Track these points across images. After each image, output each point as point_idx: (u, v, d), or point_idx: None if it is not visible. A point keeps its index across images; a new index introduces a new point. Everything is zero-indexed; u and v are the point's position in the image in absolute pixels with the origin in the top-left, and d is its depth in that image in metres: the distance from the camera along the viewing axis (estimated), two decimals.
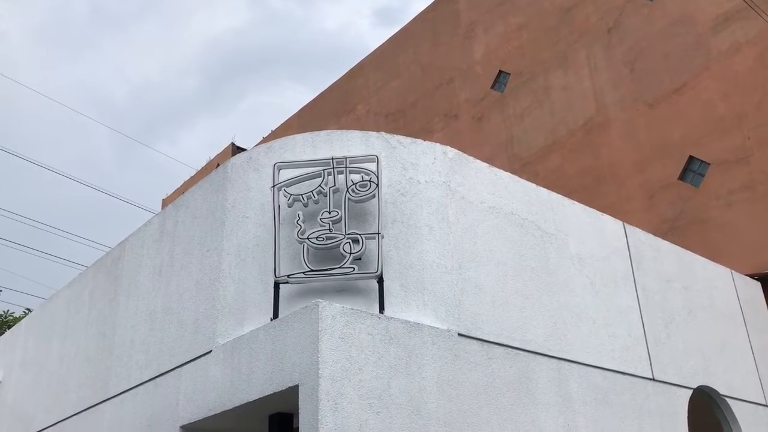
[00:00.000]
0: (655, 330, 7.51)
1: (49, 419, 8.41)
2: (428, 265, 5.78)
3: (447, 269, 5.83)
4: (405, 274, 5.69)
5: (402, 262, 5.72)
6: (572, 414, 6.13)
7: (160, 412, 6.25)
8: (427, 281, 5.72)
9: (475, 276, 6.01)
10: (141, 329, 7.05)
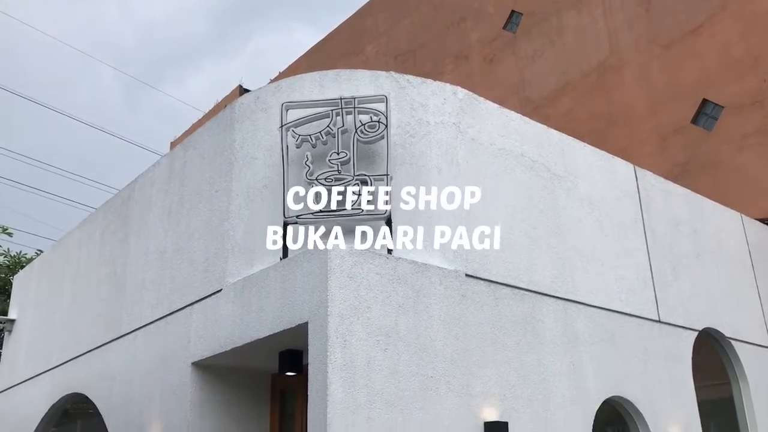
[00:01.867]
0: (662, 273, 7.53)
1: (64, 356, 8.59)
2: (437, 206, 5.77)
3: (455, 211, 5.82)
4: (413, 215, 5.69)
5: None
6: (578, 354, 6.21)
7: (172, 349, 6.36)
8: (436, 222, 5.73)
9: (483, 217, 6.01)
10: (152, 268, 7.13)
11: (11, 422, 9.77)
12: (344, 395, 4.62)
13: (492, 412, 5.32)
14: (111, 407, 7.31)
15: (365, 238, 5.54)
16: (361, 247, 5.18)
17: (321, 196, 5.59)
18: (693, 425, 7.05)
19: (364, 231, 5.58)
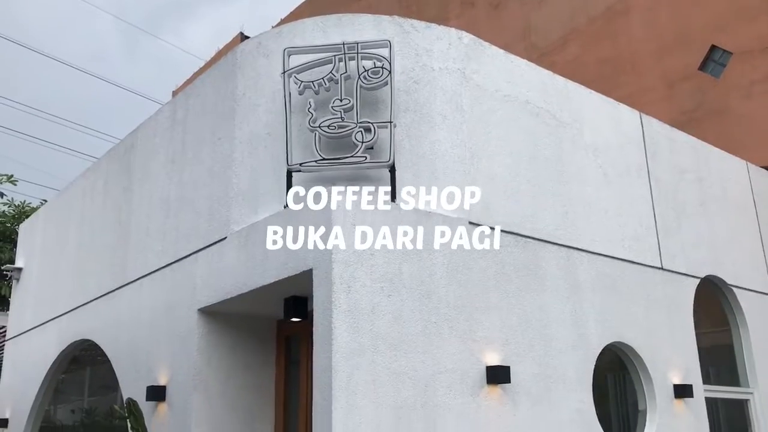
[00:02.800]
0: (666, 220, 7.53)
1: (71, 303, 8.70)
2: (440, 154, 5.74)
3: (459, 158, 5.80)
4: (417, 163, 5.67)
5: (414, 151, 5.69)
6: (579, 300, 6.26)
7: (178, 296, 6.43)
8: (439, 170, 5.71)
9: (487, 165, 5.99)
10: (156, 217, 7.16)
11: (22, 368, 9.96)
12: (349, 340, 4.68)
13: (494, 357, 5.40)
14: (119, 353, 7.43)
15: (369, 186, 5.53)
16: (364, 194, 5.17)
17: (324, 143, 5.56)
18: (692, 371, 7.14)
19: (368, 179, 5.57)
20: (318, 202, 5.01)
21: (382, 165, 5.51)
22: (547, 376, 5.76)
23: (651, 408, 6.66)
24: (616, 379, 7.00)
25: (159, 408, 6.35)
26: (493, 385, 5.34)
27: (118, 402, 7.35)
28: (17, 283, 10.92)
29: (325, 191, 4.99)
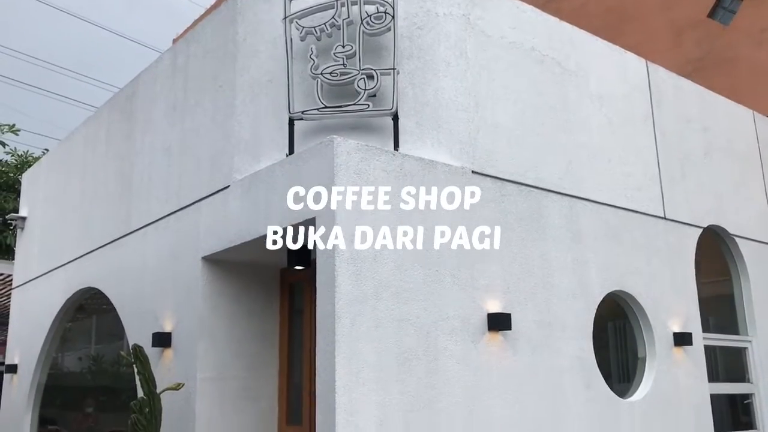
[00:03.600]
0: (670, 170, 7.50)
1: (76, 252, 8.75)
2: (444, 102, 5.69)
3: (463, 106, 5.75)
4: (420, 111, 5.63)
5: (417, 99, 5.64)
6: (581, 249, 6.28)
7: (182, 244, 6.46)
8: (443, 118, 5.67)
9: (491, 113, 5.94)
10: (159, 165, 7.14)
11: (29, 316, 10.08)
12: (351, 287, 4.71)
13: (495, 304, 5.45)
14: (124, 301, 7.51)
15: (371, 134, 5.50)
16: (367, 143, 5.14)
17: (326, 91, 5.50)
18: (692, 319, 7.21)
19: (371, 127, 5.54)
20: (320, 150, 4.98)
21: (385, 113, 5.47)
22: (548, 323, 5.81)
23: (650, 355, 6.75)
24: (617, 328, 7.07)
25: (165, 354, 6.45)
26: (494, 332, 5.40)
27: (125, 349, 7.46)
28: (22, 232, 10.98)
29: (327, 139, 4.96)
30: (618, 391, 6.35)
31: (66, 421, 9.65)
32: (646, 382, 6.63)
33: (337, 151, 4.88)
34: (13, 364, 10.17)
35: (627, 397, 6.46)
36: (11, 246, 16.86)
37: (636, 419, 6.30)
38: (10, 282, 11.57)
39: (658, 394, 6.59)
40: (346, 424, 4.46)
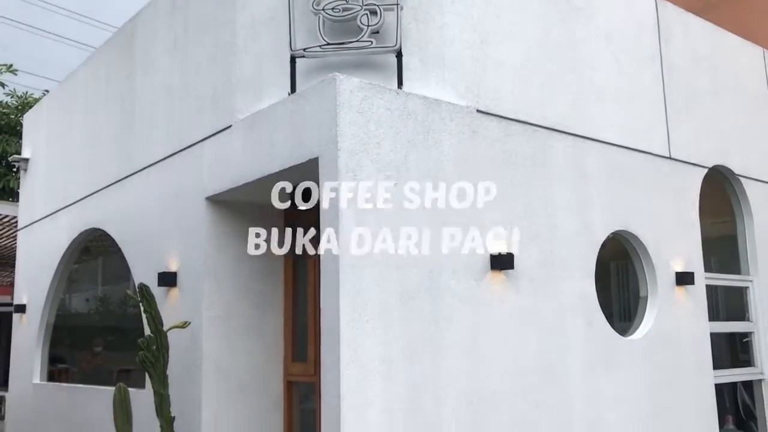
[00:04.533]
0: (676, 109, 7.41)
1: (79, 193, 8.76)
2: (449, 40, 5.58)
3: (468, 44, 5.65)
4: (425, 49, 5.53)
5: (422, 36, 5.53)
6: (586, 189, 6.26)
7: (186, 184, 6.46)
8: (448, 56, 5.57)
9: (497, 51, 5.84)
10: (160, 105, 7.08)
11: (35, 257, 10.17)
12: (354, 227, 4.71)
13: (499, 244, 5.46)
14: (129, 241, 7.55)
15: (374, 72, 5.42)
16: (370, 81, 5.07)
17: (328, 28, 5.40)
18: (695, 259, 7.24)
19: (374, 65, 5.46)
20: (323, 89, 4.92)
21: (389, 50, 5.38)
22: (551, 262, 5.84)
23: (652, 294, 6.80)
24: (619, 268, 7.11)
25: (170, 293, 6.52)
26: (497, 271, 5.43)
27: (131, 289, 7.54)
28: (25, 173, 10.98)
29: (329, 77, 4.89)
30: (619, 329, 6.42)
31: (75, 360, 9.84)
32: (647, 320, 6.71)
33: (339, 90, 4.81)
34: (22, 304, 10.31)
35: (628, 335, 6.54)
36: (15, 189, 16.91)
37: (636, 357, 6.39)
38: (15, 224, 11.64)
39: (658, 333, 6.67)
40: (351, 360, 4.53)
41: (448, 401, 4.95)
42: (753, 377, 7.87)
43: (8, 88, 18.02)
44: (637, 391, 6.33)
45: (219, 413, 5.97)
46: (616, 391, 6.14)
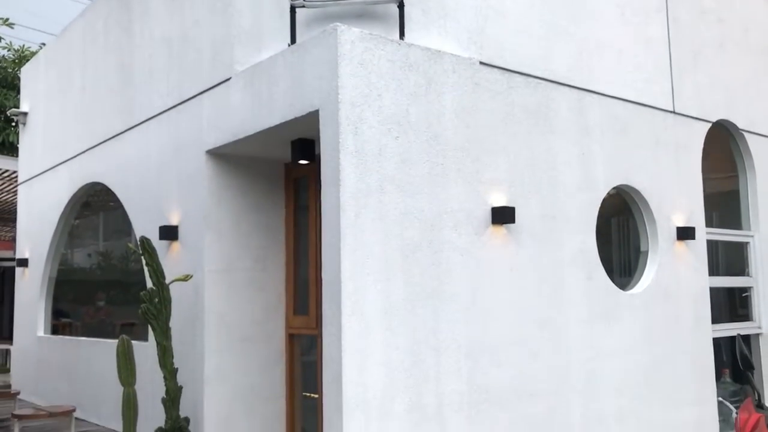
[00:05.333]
0: (681, 62, 7.31)
1: (79, 147, 8.73)
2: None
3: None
4: (426, 0, 5.43)
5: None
6: (588, 142, 6.22)
7: (185, 137, 6.42)
8: (450, 7, 5.48)
9: (499, 2, 5.73)
10: (159, 57, 7.00)
11: (37, 212, 10.18)
12: (356, 180, 4.70)
13: (499, 198, 5.45)
14: (130, 195, 7.54)
15: (376, 23, 5.33)
16: (372, 31, 4.99)
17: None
18: (696, 214, 7.23)
19: (375, 15, 5.36)
20: (323, 40, 4.84)
21: (390, 0, 5.28)
22: (552, 217, 5.83)
23: (653, 249, 6.81)
24: (620, 223, 7.11)
25: (172, 247, 6.53)
26: (498, 226, 5.43)
27: (133, 243, 7.55)
28: (24, 127, 10.92)
29: (330, 28, 4.81)
30: (619, 284, 6.45)
31: (78, 314, 9.93)
32: (648, 275, 6.73)
33: (340, 40, 4.74)
34: (24, 258, 10.36)
35: (628, 289, 6.57)
36: (14, 143, 16.82)
37: (636, 310, 6.43)
38: (15, 178, 11.62)
39: (658, 287, 6.70)
40: (352, 312, 4.55)
41: (448, 353, 5.00)
42: (751, 331, 7.94)
43: (5, 41, 17.79)
44: (636, 343, 6.39)
45: (221, 365, 6.04)
46: (614, 344, 6.19)
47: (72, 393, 8.38)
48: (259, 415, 6.24)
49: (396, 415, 4.67)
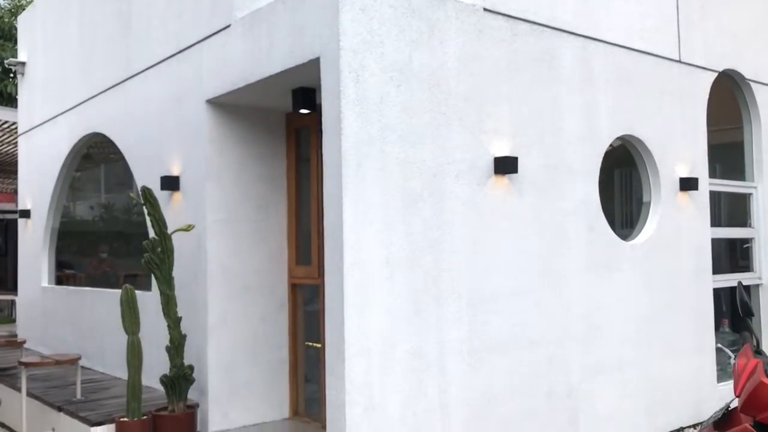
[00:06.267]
0: (688, 10, 7.18)
1: (78, 97, 8.65)
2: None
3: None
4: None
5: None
6: (593, 92, 6.15)
7: (185, 86, 6.36)
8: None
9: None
10: (157, 4, 6.88)
11: (37, 162, 10.15)
12: (358, 129, 4.66)
13: (502, 148, 5.41)
14: (130, 145, 7.51)
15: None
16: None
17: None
18: (700, 164, 7.19)
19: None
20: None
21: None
22: (555, 167, 5.80)
23: (655, 200, 6.79)
24: (623, 175, 7.08)
25: (174, 197, 6.53)
26: (500, 176, 5.40)
27: (134, 194, 7.54)
28: (22, 77, 10.81)
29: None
30: (621, 236, 6.45)
31: (82, 266, 9.99)
32: (650, 225, 6.73)
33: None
34: (26, 210, 10.38)
35: (629, 240, 6.57)
36: (12, 94, 16.71)
37: (637, 261, 6.45)
38: (15, 129, 11.56)
39: (660, 238, 6.71)
40: (354, 262, 4.57)
41: (449, 302, 5.03)
42: (752, 282, 7.97)
43: None
44: (637, 293, 6.43)
45: (225, 313, 6.10)
46: (615, 293, 6.22)
47: (77, 342, 8.49)
48: (262, 362, 6.32)
49: (397, 362, 4.73)
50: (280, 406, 6.44)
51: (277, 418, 6.40)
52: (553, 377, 5.65)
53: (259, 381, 6.29)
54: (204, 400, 5.99)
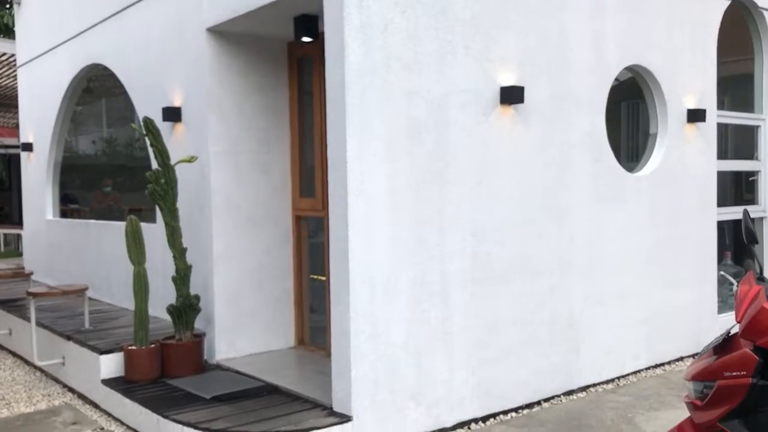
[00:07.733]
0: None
1: (78, 27, 8.49)
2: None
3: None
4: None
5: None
6: (602, 20, 6.00)
7: (186, 15, 6.23)
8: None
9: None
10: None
11: (38, 95, 10.05)
12: (362, 57, 4.57)
13: (509, 77, 5.32)
14: (131, 76, 7.41)
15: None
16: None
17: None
18: (708, 96, 7.08)
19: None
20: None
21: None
22: (562, 97, 5.72)
23: (662, 131, 6.72)
24: (630, 108, 6.98)
25: (176, 128, 6.48)
26: (506, 105, 5.33)
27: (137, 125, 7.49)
28: (19, 7, 10.60)
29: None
30: (627, 168, 6.41)
31: (86, 200, 10.00)
32: (656, 157, 6.68)
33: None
34: (28, 143, 10.33)
35: (635, 172, 6.54)
36: (10, 26, 16.41)
37: (642, 192, 6.43)
38: (14, 62, 11.40)
39: (665, 169, 6.67)
40: (358, 193, 4.55)
41: (453, 233, 5.04)
42: (756, 215, 7.96)
43: None
44: (640, 225, 6.43)
45: (229, 244, 6.13)
46: (619, 225, 6.23)
47: (83, 274, 8.57)
48: (268, 292, 6.39)
49: (401, 292, 4.77)
50: (286, 336, 6.54)
51: (283, 347, 6.51)
52: (554, 307, 5.71)
53: (264, 311, 6.37)
54: (210, 329, 6.08)
